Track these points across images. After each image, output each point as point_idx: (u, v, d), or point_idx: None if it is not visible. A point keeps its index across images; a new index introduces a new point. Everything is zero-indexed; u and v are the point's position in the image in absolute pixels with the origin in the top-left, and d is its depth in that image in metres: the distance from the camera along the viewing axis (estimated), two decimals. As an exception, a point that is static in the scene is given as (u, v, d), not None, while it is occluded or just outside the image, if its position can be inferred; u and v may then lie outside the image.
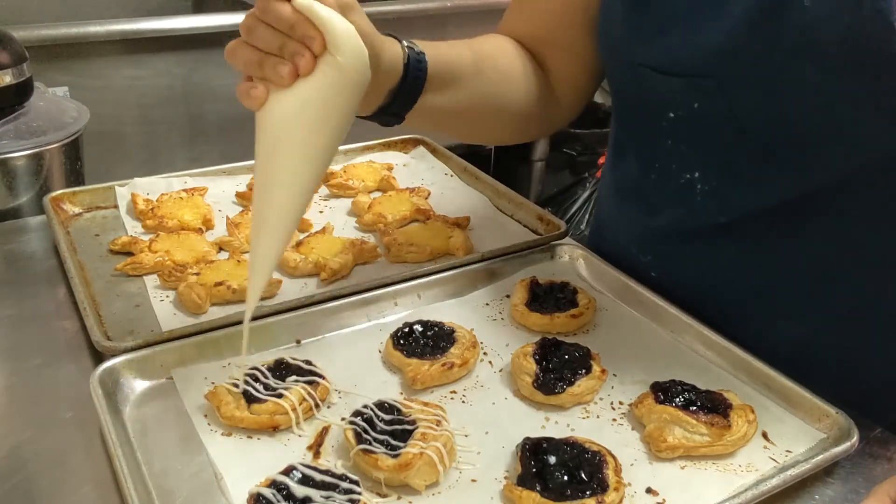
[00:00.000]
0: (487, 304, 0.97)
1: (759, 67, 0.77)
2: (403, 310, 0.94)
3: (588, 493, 0.67)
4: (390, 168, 1.29)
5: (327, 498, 0.64)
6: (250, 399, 0.75)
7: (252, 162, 1.25)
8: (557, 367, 0.81)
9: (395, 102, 0.84)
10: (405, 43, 0.84)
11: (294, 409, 0.75)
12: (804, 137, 0.79)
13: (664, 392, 0.77)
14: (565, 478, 0.68)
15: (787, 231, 0.86)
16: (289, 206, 0.70)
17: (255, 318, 0.86)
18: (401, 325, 0.87)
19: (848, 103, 0.75)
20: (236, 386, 0.76)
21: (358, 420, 0.72)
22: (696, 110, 0.83)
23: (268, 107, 0.68)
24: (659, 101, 0.88)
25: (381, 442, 0.70)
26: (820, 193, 0.82)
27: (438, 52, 0.87)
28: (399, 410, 0.74)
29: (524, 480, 0.68)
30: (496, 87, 0.95)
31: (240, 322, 0.85)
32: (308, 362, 0.80)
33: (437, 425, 0.72)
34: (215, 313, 0.90)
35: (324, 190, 1.23)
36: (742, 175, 0.86)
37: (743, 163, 0.85)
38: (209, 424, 0.75)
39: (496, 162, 2.66)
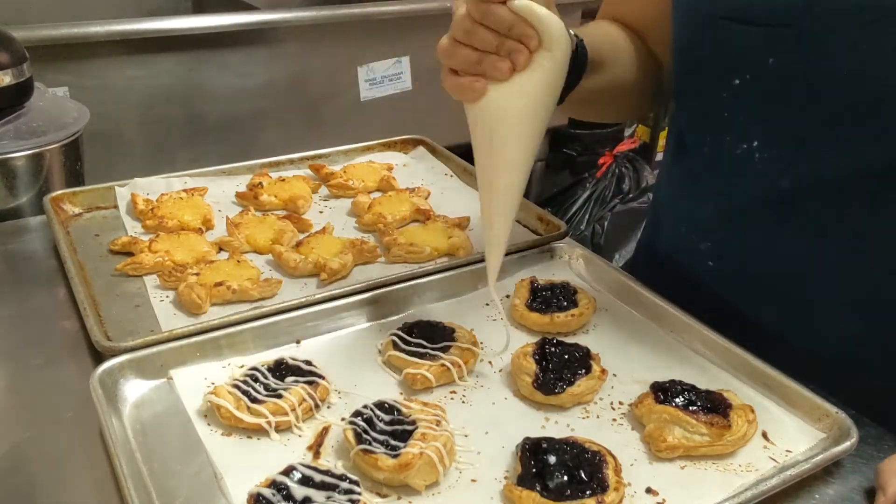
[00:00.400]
0: (487, 305, 0.97)
1: (842, 22, 0.76)
2: (403, 310, 0.94)
3: (588, 493, 0.67)
4: (390, 168, 1.29)
5: (327, 498, 0.64)
6: (251, 399, 0.75)
7: (252, 162, 1.26)
8: (557, 367, 0.81)
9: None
10: (571, 31, 0.88)
11: (294, 410, 0.75)
12: (873, 102, 0.77)
13: (664, 392, 0.77)
14: (565, 478, 0.68)
15: (852, 213, 0.83)
16: (513, 184, 0.79)
17: (254, 319, 0.87)
18: (401, 325, 0.87)
19: None
20: (236, 386, 0.76)
21: (358, 420, 0.72)
22: (770, 67, 0.82)
23: (486, 99, 0.76)
24: (729, 62, 0.86)
25: (381, 442, 0.70)
26: (886, 171, 0.79)
27: (587, 38, 0.92)
28: (399, 410, 0.74)
29: (524, 480, 0.68)
30: (627, 69, 1.01)
31: (240, 323, 0.86)
32: (308, 362, 0.80)
33: (437, 425, 0.72)
34: (215, 313, 0.90)
35: (323, 190, 1.23)
36: (805, 141, 0.83)
37: (807, 129, 0.83)
38: (209, 425, 0.75)
39: (496, 162, 2.66)
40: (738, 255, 0.94)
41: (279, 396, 0.75)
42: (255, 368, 0.79)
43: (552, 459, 0.69)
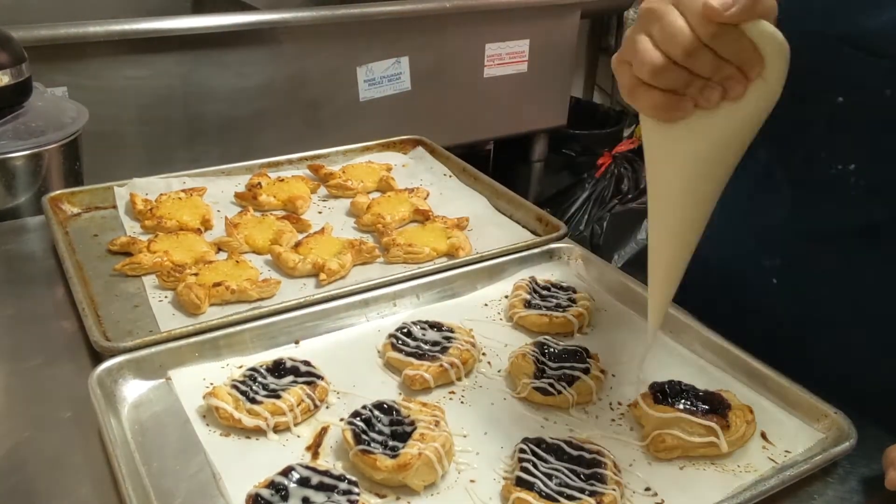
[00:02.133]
0: (487, 305, 0.97)
1: None
2: (403, 310, 0.94)
3: (587, 493, 0.67)
4: (389, 169, 1.29)
5: (326, 498, 0.64)
6: (249, 400, 0.75)
7: (251, 162, 1.26)
8: (556, 368, 0.81)
9: None
10: None
11: (292, 410, 0.75)
12: None
13: (663, 392, 0.77)
14: (564, 478, 0.68)
15: None
16: (694, 227, 0.69)
17: (253, 319, 0.87)
18: (400, 326, 0.87)
19: None
20: (235, 387, 0.76)
21: (356, 420, 0.72)
22: (886, 98, 0.73)
23: (686, 123, 0.65)
24: (833, 80, 0.77)
25: (379, 442, 0.70)
26: None
27: None
28: (398, 411, 0.74)
29: (523, 481, 0.68)
30: None
31: (239, 323, 0.86)
32: (307, 363, 0.80)
33: (436, 426, 0.72)
34: (214, 314, 0.90)
35: (322, 190, 1.23)
36: None
37: None
38: (207, 425, 0.75)
39: (495, 162, 2.66)
40: (810, 279, 0.86)
41: (278, 397, 0.75)
42: (253, 369, 0.79)
43: (551, 460, 0.69)
